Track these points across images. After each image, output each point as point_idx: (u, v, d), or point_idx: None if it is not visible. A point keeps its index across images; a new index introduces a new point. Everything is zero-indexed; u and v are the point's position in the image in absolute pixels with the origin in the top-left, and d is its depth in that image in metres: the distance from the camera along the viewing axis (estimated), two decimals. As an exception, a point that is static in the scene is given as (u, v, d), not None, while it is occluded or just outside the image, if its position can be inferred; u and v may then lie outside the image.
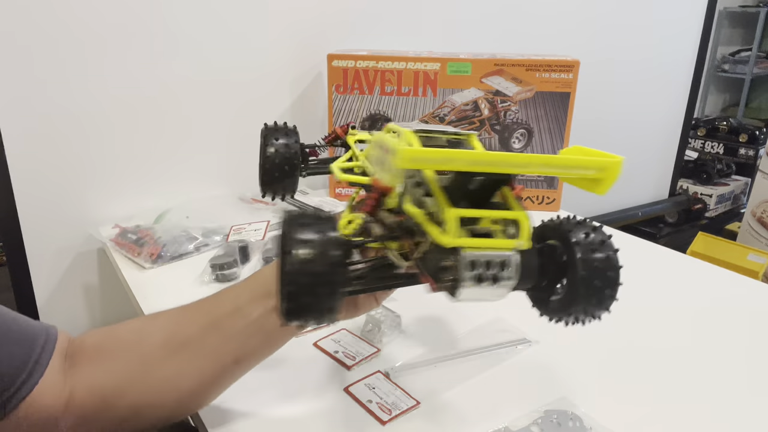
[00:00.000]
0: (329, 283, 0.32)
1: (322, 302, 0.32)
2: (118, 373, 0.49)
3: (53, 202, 1.01)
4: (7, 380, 0.45)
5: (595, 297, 0.35)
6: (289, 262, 0.31)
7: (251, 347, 0.49)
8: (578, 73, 1.07)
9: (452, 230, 0.31)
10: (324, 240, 0.32)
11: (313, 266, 0.31)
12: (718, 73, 3.76)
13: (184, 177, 1.13)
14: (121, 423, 0.49)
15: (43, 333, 0.49)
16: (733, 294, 0.83)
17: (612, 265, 0.35)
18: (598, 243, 0.35)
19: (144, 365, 0.49)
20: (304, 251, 0.31)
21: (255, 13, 1.11)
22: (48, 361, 0.47)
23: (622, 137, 1.84)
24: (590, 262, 0.35)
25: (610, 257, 0.35)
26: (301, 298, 0.32)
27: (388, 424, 0.55)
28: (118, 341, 0.52)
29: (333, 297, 0.32)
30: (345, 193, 1.19)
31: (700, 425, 0.56)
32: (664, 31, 1.79)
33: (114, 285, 1.08)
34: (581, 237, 0.35)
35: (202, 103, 1.11)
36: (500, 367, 0.63)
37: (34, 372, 0.46)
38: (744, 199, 2.89)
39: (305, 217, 0.33)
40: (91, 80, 0.99)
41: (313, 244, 0.32)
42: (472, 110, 1.12)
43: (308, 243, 0.32)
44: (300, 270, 0.31)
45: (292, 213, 0.34)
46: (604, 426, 0.54)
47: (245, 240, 0.92)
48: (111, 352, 0.51)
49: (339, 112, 1.13)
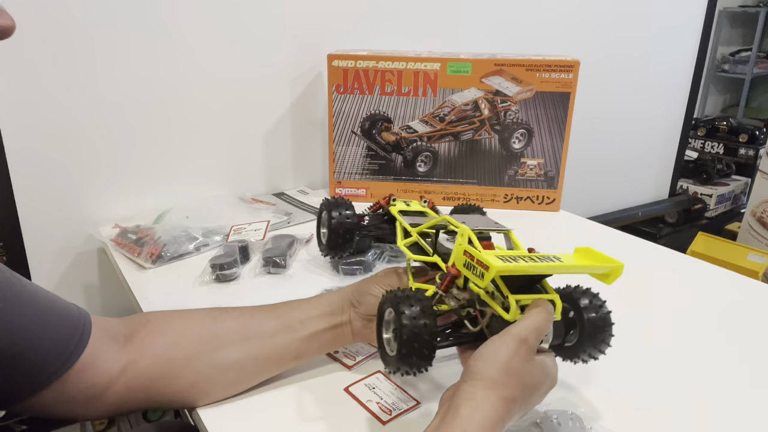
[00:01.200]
0: (430, 346, 0.47)
1: (424, 358, 0.47)
2: (190, 345, 0.56)
3: (53, 202, 1.01)
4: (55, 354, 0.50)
5: (596, 345, 0.51)
6: (406, 331, 0.46)
7: (310, 350, 0.60)
8: (578, 73, 1.07)
9: (513, 310, 0.47)
10: (424, 311, 0.47)
11: (420, 333, 0.46)
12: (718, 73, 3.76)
13: (184, 177, 1.13)
14: (174, 395, 0.55)
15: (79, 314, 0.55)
16: (733, 294, 0.83)
17: (607, 323, 0.51)
18: (597, 307, 0.51)
19: (216, 343, 0.57)
20: (415, 325, 0.46)
21: (255, 14, 1.11)
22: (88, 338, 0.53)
23: (622, 137, 1.84)
24: (593, 321, 0.51)
25: (606, 317, 0.51)
26: (411, 357, 0.47)
27: (389, 424, 0.55)
28: (192, 319, 0.59)
29: (431, 353, 0.47)
30: (345, 193, 1.19)
31: (700, 425, 0.56)
32: (664, 31, 1.79)
33: (114, 285, 1.08)
34: (586, 303, 0.51)
35: (202, 103, 1.11)
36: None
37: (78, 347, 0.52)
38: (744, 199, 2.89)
39: (413, 298, 0.48)
40: (91, 81, 0.99)
41: (418, 317, 0.47)
42: (472, 110, 1.12)
43: (417, 317, 0.47)
44: (411, 337, 0.46)
45: (396, 293, 0.49)
46: (604, 426, 0.54)
47: (245, 240, 0.92)
48: (183, 327, 0.58)
49: (339, 112, 1.13)
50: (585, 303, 0.51)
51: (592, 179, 1.81)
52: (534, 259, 0.47)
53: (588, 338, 0.51)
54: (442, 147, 1.15)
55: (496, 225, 0.57)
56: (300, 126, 1.24)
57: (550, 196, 1.16)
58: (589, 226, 1.10)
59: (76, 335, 0.52)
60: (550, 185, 1.16)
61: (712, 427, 0.55)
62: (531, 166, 1.15)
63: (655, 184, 2.07)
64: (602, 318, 0.51)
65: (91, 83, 0.99)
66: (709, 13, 1.87)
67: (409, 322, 0.46)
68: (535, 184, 1.16)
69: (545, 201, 1.16)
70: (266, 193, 1.24)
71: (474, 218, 0.59)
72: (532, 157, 1.14)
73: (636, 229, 2.10)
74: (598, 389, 0.60)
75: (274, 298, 0.78)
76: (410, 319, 0.46)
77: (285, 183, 1.27)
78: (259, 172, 1.23)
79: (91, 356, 0.52)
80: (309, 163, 1.29)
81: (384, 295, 0.51)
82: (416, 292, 0.49)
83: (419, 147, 1.15)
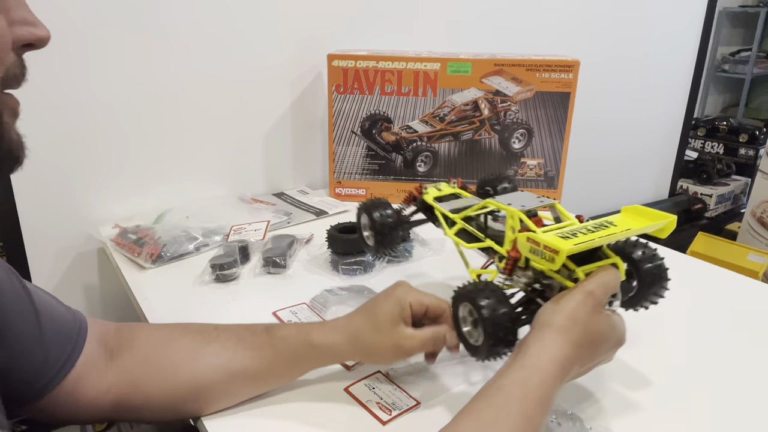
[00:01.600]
0: (513, 331, 0.50)
1: (510, 343, 0.50)
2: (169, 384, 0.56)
3: (53, 202, 1.01)
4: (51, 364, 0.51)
5: (657, 292, 0.56)
6: (489, 323, 0.49)
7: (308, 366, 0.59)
8: (578, 73, 1.07)
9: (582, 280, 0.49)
10: (500, 300, 0.50)
11: (502, 322, 0.49)
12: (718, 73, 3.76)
13: (184, 177, 1.13)
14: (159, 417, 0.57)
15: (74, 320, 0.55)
16: (733, 294, 0.83)
17: (663, 270, 0.56)
18: (651, 257, 0.55)
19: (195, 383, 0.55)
20: (496, 315, 0.49)
21: (255, 14, 1.11)
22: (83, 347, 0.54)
23: (622, 137, 1.84)
24: (650, 271, 0.55)
25: (661, 265, 0.56)
26: (498, 345, 0.49)
27: (388, 425, 0.55)
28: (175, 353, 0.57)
29: (515, 337, 0.50)
30: (345, 193, 1.19)
31: (700, 425, 0.56)
32: (664, 31, 1.79)
33: (114, 285, 1.08)
34: (640, 254, 0.55)
35: (202, 103, 1.11)
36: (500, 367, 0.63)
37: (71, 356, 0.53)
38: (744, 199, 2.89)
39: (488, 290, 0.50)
40: (91, 81, 0.99)
41: (497, 307, 0.49)
42: (472, 110, 1.12)
43: (496, 308, 0.49)
44: (495, 327, 0.49)
45: (469, 288, 0.51)
46: (604, 426, 0.54)
47: (245, 240, 0.92)
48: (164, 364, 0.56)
49: (339, 112, 1.13)
50: (639, 255, 0.55)
51: (592, 179, 1.81)
52: (591, 230, 0.49)
53: (647, 287, 0.55)
54: (442, 147, 1.15)
55: (539, 200, 0.57)
56: (300, 126, 1.24)
57: (550, 196, 1.16)
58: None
59: (69, 347, 0.53)
60: (550, 185, 1.16)
61: (711, 426, 0.55)
62: (531, 166, 1.15)
63: (655, 184, 2.07)
64: (658, 266, 0.55)
65: (92, 84, 0.99)
66: (709, 14, 1.87)
67: (490, 313, 0.49)
68: (535, 184, 1.16)
69: (545, 201, 1.16)
70: (266, 193, 1.24)
71: (515, 197, 0.58)
72: (532, 157, 1.14)
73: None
74: (598, 389, 0.60)
75: (274, 298, 0.78)
76: (490, 310, 0.49)
77: (285, 183, 1.27)
78: (259, 172, 1.23)
79: (84, 367, 0.53)
80: (309, 163, 1.29)
81: (455, 292, 0.53)
82: (488, 284, 0.51)
83: (419, 147, 1.15)
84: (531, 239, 0.49)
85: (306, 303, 0.77)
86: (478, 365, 0.63)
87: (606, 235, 0.48)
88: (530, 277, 0.53)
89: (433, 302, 0.57)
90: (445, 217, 0.66)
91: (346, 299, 0.77)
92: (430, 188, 0.71)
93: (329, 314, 0.74)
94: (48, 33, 0.38)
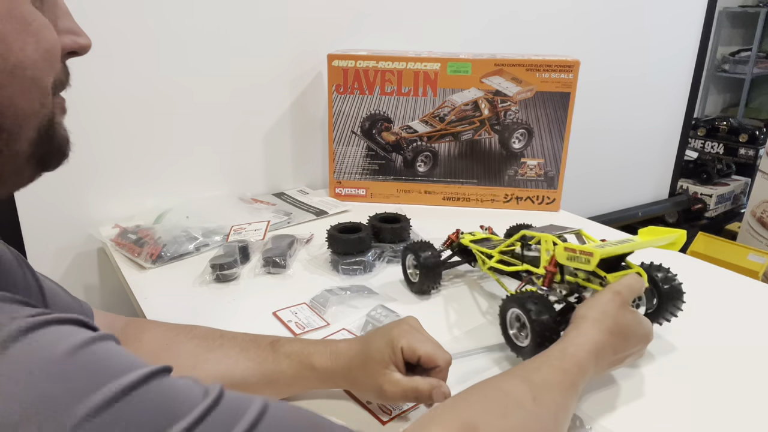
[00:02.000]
0: (557, 332, 0.57)
1: (553, 338, 0.56)
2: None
3: (53, 202, 1.01)
4: None
5: (675, 307, 0.65)
6: (536, 324, 0.57)
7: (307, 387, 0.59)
8: (578, 73, 1.07)
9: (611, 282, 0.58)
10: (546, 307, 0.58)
11: (548, 323, 0.57)
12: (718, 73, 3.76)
13: (184, 177, 1.13)
14: None
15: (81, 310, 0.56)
16: (733, 294, 0.83)
17: (680, 290, 0.65)
18: (671, 279, 0.65)
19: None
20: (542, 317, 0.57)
21: (255, 14, 1.11)
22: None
23: (622, 137, 1.84)
24: (668, 291, 0.64)
25: (678, 286, 0.65)
26: (544, 344, 0.56)
27: (389, 425, 0.55)
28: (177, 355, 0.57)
29: (558, 334, 0.57)
30: (345, 193, 1.19)
31: (700, 425, 0.56)
32: (664, 31, 1.79)
33: (114, 285, 1.08)
34: (661, 276, 0.65)
35: (202, 103, 1.11)
36: (499, 367, 0.64)
37: None
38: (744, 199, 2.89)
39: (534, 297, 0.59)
40: (91, 81, 0.99)
41: (543, 311, 0.57)
42: (472, 110, 1.12)
43: (542, 311, 0.57)
44: (542, 327, 0.57)
45: (518, 296, 0.60)
46: (604, 426, 0.54)
47: (245, 240, 0.92)
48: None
49: (339, 112, 1.13)
50: (660, 276, 0.65)
51: (592, 179, 1.81)
52: (614, 244, 0.59)
53: (666, 303, 0.64)
54: (442, 147, 1.15)
55: (565, 229, 0.68)
56: (300, 126, 1.24)
57: (550, 196, 1.16)
58: (589, 226, 1.09)
59: None
60: (550, 185, 1.16)
61: (711, 426, 0.55)
62: (531, 166, 1.15)
63: (655, 184, 2.07)
64: (675, 287, 0.65)
65: (92, 84, 0.99)
66: (709, 13, 1.87)
67: (538, 317, 0.57)
68: (535, 184, 1.16)
69: (545, 201, 1.16)
70: (266, 193, 1.24)
71: (545, 228, 0.70)
72: (532, 157, 1.14)
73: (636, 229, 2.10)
74: (597, 389, 0.60)
75: (274, 298, 0.78)
76: (538, 314, 0.57)
77: (285, 183, 1.27)
78: (259, 172, 1.23)
79: None
80: (309, 163, 1.29)
81: (504, 299, 0.61)
82: (533, 293, 0.60)
83: (419, 147, 1.15)
84: (568, 248, 0.59)
85: (306, 303, 0.77)
86: (479, 367, 0.63)
87: (628, 245, 0.58)
88: (566, 288, 0.62)
89: (428, 352, 0.53)
90: (482, 253, 0.77)
91: (346, 299, 0.77)
92: (466, 234, 0.83)
93: (329, 314, 0.74)
94: (90, 41, 0.42)
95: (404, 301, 0.78)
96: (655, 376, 0.63)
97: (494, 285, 0.82)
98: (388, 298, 0.78)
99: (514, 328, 0.61)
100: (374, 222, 0.94)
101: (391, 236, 0.92)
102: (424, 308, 0.77)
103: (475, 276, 0.86)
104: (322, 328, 0.71)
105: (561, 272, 0.62)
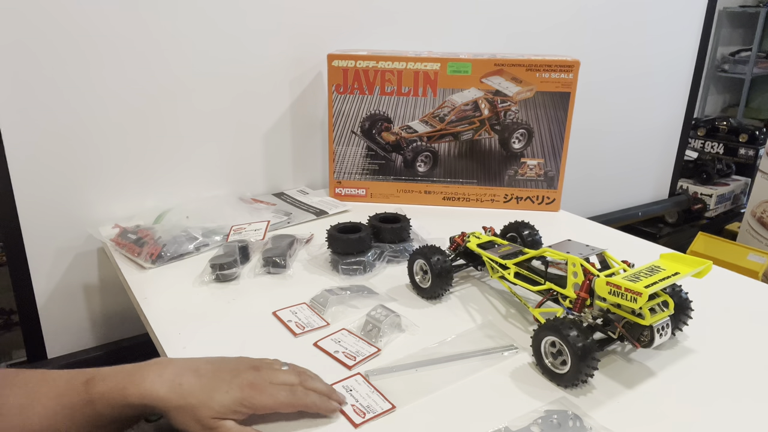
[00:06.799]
0: (594, 357, 0.57)
1: (594, 367, 0.58)
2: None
3: (53, 202, 1.01)
4: None
5: (683, 319, 0.68)
6: (576, 350, 0.57)
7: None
8: (578, 73, 1.07)
9: (647, 316, 0.60)
10: (585, 333, 0.58)
11: (588, 350, 0.57)
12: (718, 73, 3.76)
13: (184, 177, 1.13)
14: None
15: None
16: (733, 294, 0.83)
17: (688, 303, 0.68)
18: (678, 293, 0.68)
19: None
20: (581, 343, 0.57)
21: (255, 14, 1.11)
22: None
23: (622, 137, 1.84)
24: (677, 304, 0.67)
25: (686, 299, 0.68)
26: (583, 371, 0.57)
27: (360, 427, 0.54)
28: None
29: (595, 361, 0.58)
30: (345, 193, 1.19)
31: (700, 425, 0.56)
32: (664, 31, 1.79)
33: (114, 285, 1.08)
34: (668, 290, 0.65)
35: (202, 103, 1.11)
36: (499, 367, 0.63)
37: None
38: (744, 199, 2.89)
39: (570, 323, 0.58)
40: (91, 81, 0.99)
41: (581, 338, 0.57)
42: (472, 110, 1.12)
43: (581, 338, 0.57)
44: (582, 354, 0.57)
45: (555, 322, 0.59)
46: (604, 426, 0.54)
47: (245, 240, 0.92)
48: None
49: (339, 112, 1.13)
50: (668, 290, 0.66)
51: (592, 179, 1.81)
52: (647, 273, 0.60)
53: (676, 315, 0.67)
54: (442, 147, 1.15)
55: (589, 248, 0.68)
56: (300, 126, 1.24)
57: (550, 196, 1.16)
58: (589, 226, 1.09)
59: None
60: (550, 185, 1.16)
61: (711, 426, 0.55)
62: (531, 166, 1.15)
63: (655, 184, 2.07)
64: (684, 300, 0.68)
65: (92, 84, 0.99)
66: (709, 13, 1.87)
67: (576, 343, 0.57)
68: (535, 184, 1.16)
69: (545, 201, 1.16)
70: (266, 193, 1.24)
71: (567, 246, 0.69)
72: (532, 157, 1.14)
73: (636, 229, 2.10)
74: (598, 389, 0.60)
75: (274, 298, 0.78)
76: (576, 340, 0.57)
77: (285, 183, 1.27)
78: (259, 172, 1.23)
79: None
80: (309, 163, 1.29)
81: (540, 326, 0.61)
82: (569, 320, 0.59)
83: (419, 147, 1.15)
84: (611, 283, 0.58)
85: (306, 303, 0.77)
86: (458, 371, 0.63)
87: (664, 278, 0.59)
88: (596, 313, 0.62)
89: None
90: (494, 261, 0.76)
91: (346, 299, 0.77)
92: (471, 236, 0.82)
93: (329, 314, 0.74)
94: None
95: (404, 303, 0.78)
96: (655, 376, 0.62)
97: (497, 285, 0.82)
98: (388, 298, 0.78)
99: (549, 356, 0.61)
100: (374, 222, 0.93)
101: (391, 236, 0.92)
102: (429, 312, 0.77)
103: (477, 275, 0.86)
104: (322, 327, 0.71)
105: (590, 295, 0.63)
